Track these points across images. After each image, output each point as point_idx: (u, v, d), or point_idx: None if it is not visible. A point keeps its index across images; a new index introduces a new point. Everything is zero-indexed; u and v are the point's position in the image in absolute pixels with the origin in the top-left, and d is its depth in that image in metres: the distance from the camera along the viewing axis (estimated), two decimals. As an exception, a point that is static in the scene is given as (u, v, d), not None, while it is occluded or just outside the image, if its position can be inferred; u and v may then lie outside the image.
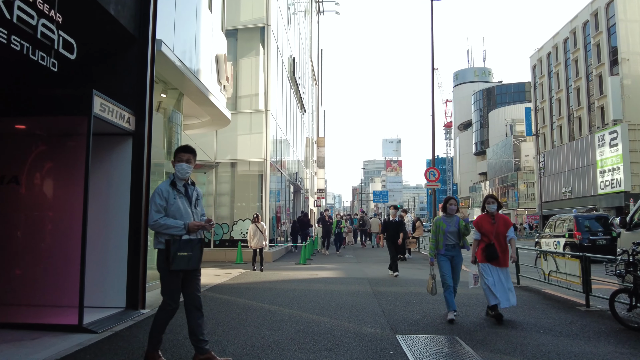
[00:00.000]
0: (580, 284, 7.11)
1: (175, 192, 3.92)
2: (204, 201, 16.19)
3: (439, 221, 6.02)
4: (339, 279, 9.64)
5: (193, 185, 4.10)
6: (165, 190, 3.89)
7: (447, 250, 5.92)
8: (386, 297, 7.36)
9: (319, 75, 48.67)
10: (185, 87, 8.32)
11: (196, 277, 4.01)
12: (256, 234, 10.88)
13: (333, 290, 7.92)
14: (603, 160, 39.28)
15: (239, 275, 9.87)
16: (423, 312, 6.19)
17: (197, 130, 11.32)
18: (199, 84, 8.31)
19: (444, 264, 5.90)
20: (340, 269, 12.31)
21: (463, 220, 6.06)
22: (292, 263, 14.07)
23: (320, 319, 5.60)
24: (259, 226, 10.99)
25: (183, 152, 4.02)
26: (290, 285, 8.61)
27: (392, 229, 10.83)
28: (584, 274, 6.97)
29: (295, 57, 22.93)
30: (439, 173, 16.87)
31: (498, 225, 5.82)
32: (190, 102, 9.29)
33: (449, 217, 6.00)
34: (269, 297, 7.14)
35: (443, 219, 6.00)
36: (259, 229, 10.93)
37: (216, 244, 15.32)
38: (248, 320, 5.48)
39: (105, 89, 5.53)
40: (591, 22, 42.76)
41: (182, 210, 3.87)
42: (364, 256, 17.33)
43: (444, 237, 5.93)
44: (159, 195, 3.83)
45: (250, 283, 8.69)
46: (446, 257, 5.92)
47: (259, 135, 15.57)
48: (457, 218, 6.00)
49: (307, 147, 32.84)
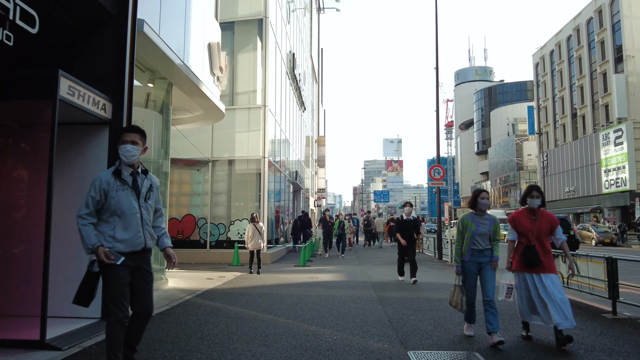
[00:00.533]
0: (605, 289, 6.48)
1: (118, 183, 3.28)
2: (200, 200, 15.78)
3: (466, 220, 4.87)
4: (341, 283, 9.01)
5: (145, 174, 3.46)
6: (104, 180, 3.26)
7: (473, 256, 4.78)
8: (392, 303, 6.72)
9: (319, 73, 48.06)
10: (174, 76, 7.69)
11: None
12: (254, 234, 10.26)
13: (334, 296, 7.29)
14: (608, 159, 38.70)
15: (233, 279, 9.24)
16: (434, 321, 5.55)
17: (190, 125, 10.69)
18: (189, 73, 7.68)
19: (470, 274, 4.81)
20: (342, 271, 11.68)
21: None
22: (291, 265, 13.44)
23: (320, 331, 4.97)
24: (257, 226, 10.37)
25: (127, 131, 3.41)
26: (289, 290, 7.97)
27: (408, 229, 9.45)
28: (611, 278, 6.34)
29: (295, 52, 22.31)
30: (444, 171, 16.24)
31: (540, 222, 4.68)
32: (181, 94, 8.68)
33: (479, 216, 4.85)
34: (264, 304, 6.50)
35: (472, 218, 4.84)
36: (257, 230, 10.30)
37: (212, 245, 14.69)
38: (238, 332, 4.84)
39: (78, 71, 4.91)
40: (595, 19, 42.13)
41: (125, 206, 3.26)
42: (365, 257, 16.73)
43: (470, 241, 4.77)
44: (95, 187, 3.23)
45: (245, 288, 8.05)
46: (473, 265, 4.80)
47: (257, 131, 14.95)
48: (490, 217, 4.87)
49: (307, 146, 32.22)
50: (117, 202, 3.25)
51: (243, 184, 15.41)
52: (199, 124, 10.50)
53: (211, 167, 15.09)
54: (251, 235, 10.22)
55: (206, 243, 14.75)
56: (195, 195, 15.59)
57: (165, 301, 6.37)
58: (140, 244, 3.32)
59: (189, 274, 10.10)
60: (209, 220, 14.83)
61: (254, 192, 15.02)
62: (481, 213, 4.86)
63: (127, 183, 3.33)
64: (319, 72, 46.62)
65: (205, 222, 14.89)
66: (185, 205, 15.54)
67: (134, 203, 3.32)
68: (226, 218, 14.99)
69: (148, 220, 3.43)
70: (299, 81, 23.30)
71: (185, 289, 7.59)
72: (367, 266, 13.23)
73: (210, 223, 14.82)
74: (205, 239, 14.77)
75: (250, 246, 10.27)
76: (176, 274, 9.70)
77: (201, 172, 15.29)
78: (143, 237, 3.34)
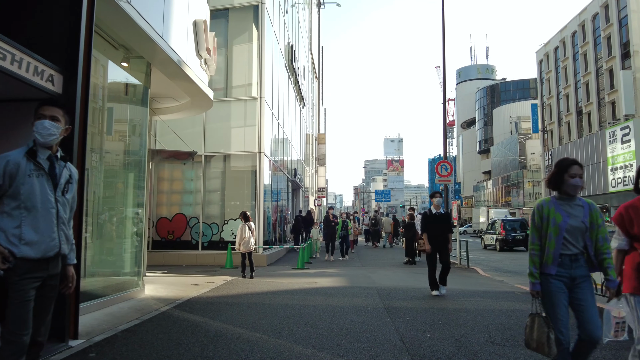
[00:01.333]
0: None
1: (32, 166, 2.45)
2: (192, 198, 14.82)
3: (546, 207, 3.08)
4: (342, 289, 8.06)
5: (65, 161, 2.65)
6: (13, 162, 2.41)
7: (562, 268, 3.00)
8: (402, 315, 5.77)
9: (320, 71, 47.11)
10: (152, 54, 6.74)
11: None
12: (246, 235, 9.31)
13: (335, 306, 6.33)
14: (614, 157, 37.78)
15: (222, 284, 8.28)
16: (456, 340, 4.60)
17: (176, 115, 9.74)
18: (169, 51, 6.73)
19: (558, 295, 2.97)
20: (343, 275, 10.73)
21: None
22: (288, 267, 12.50)
23: (317, 356, 4.02)
24: (249, 226, 9.42)
25: (46, 104, 2.60)
26: (283, 298, 7.01)
27: (440, 225, 7.27)
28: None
29: (294, 45, 21.35)
30: (452, 167, 15.29)
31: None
32: (164, 79, 7.73)
33: (566, 201, 3.07)
34: (252, 317, 5.54)
35: (555, 204, 3.08)
36: (249, 230, 9.35)
37: (204, 246, 13.75)
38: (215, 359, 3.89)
39: (21, 38, 3.97)
40: (601, 15, 41.20)
41: (39, 197, 2.44)
42: (368, 258, 15.76)
43: (556, 240, 2.99)
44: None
45: (234, 296, 7.09)
46: (561, 282, 2.99)
47: (253, 125, 13.99)
48: (583, 202, 3.09)
49: (307, 144, 31.25)
50: (29, 191, 2.41)
51: (238, 181, 14.46)
52: (185, 114, 9.56)
53: (204, 162, 14.14)
54: (246, 236, 9.27)
55: (198, 244, 13.82)
56: (187, 193, 14.64)
57: (135, 314, 5.42)
58: (54, 248, 2.49)
59: (173, 278, 9.15)
60: (201, 220, 13.89)
61: (249, 190, 14.07)
62: (569, 198, 3.08)
63: (43, 168, 2.50)
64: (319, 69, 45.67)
65: (197, 222, 13.95)
66: (176, 203, 14.60)
67: (50, 195, 2.48)
68: (219, 217, 14.04)
69: (64, 219, 2.59)
70: (298, 75, 22.34)
71: (164, 298, 6.63)
72: (370, 269, 12.28)
73: (202, 223, 13.88)
74: (197, 240, 13.83)
75: (242, 248, 9.32)
76: (158, 279, 8.75)
77: (189, 167, 14.34)
78: (58, 239, 2.50)
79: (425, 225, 7.41)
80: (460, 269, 12.46)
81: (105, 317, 5.14)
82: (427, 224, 7.39)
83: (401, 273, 11.40)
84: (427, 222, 7.42)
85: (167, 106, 9.41)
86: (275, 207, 17.17)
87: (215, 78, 15.23)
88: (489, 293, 7.90)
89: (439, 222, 7.33)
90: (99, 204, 6.16)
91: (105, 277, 6.21)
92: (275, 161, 16.65)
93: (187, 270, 11.57)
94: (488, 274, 11.47)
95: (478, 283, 9.55)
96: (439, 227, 7.30)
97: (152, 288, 7.35)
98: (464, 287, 8.65)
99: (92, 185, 5.83)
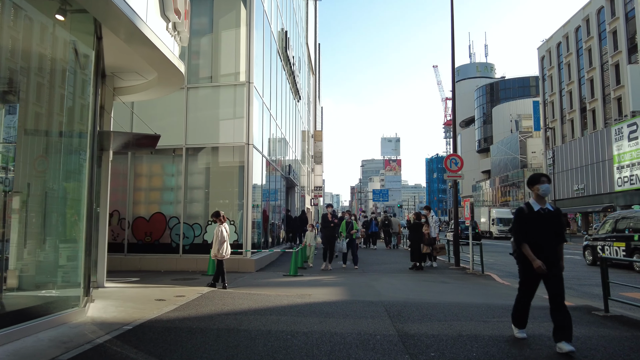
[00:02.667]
0: None
1: None
2: (172, 196, 13.25)
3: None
4: (342, 305, 6.53)
5: None
6: None
7: None
8: (424, 348, 4.25)
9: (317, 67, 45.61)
10: (99, 8, 5.21)
11: None
12: (222, 238, 7.78)
13: (333, 334, 4.81)
14: (621, 154, 36.46)
15: (194, 299, 6.73)
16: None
17: (143, 95, 8.17)
18: (122, 5, 5.20)
19: None
20: (342, 284, 9.21)
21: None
22: (279, 273, 10.98)
23: None
24: (225, 228, 7.89)
25: None
26: (266, 321, 5.47)
27: (544, 230, 4.42)
28: None
29: (288, 32, 19.83)
30: (462, 161, 13.82)
31: None
32: (124, 48, 6.21)
33: None
34: (217, 356, 4.01)
35: None
36: (226, 232, 7.82)
37: (185, 250, 12.21)
38: None
39: None
40: (606, 8, 39.91)
41: None
42: (368, 263, 14.20)
43: None
44: None
45: (203, 318, 5.55)
46: None
47: (240, 114, 12.46)
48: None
49: (303, 141, 29.71)
50: None
51: (223, 177, 12.90)
52: (153, 93, 8.00)
53: (185, 156, 12.60)
54: (220, 239, 7.74)
55: (178, 247, 12.26)
56: (167, 190, 13.07)
57: (54, 351, 3.86)
58: None
59: (137, 290, 7.58)
60: (182, 220, 12.34)
61: (236, 187, 12.52)
62: None
63: None
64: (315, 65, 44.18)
65: (177, 222, 12.40)
66: (155, 201, 13.02)
67: None
68: (202, 218, 12.48)
69: None
70: (292, 64, 20.81)
71: (110, 322, 5.08)
72: (372, 276, 10.77)
73: (183, 223, 12.33)
74: (178, 242, 12.28)
75: (219, 254, 7.78)
76: (117, 293, 7.19)
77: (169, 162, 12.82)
78: None
79: (523, 229, 4.47)
80: (474, 276, 10.97)
81: (7, 357, 3.61)
82: (526, 227, 4.46)
83: (408, 281, 9.90)
84: (526, 225, 4.46)
85: (132, 84, 7.86)
86: (266, 207, 15.62)
87: (200, 63, 13.70)
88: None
89: (545, 225, 4.41)
90: (21, 201, 4.63)
91: (23, 296, 4.66)
92: (267, 156, 15.12)
93: (163, 277, 10.04)
94: (506, 281, 9.99)
95: (501, 294, 8.04)
96: (545, 232, 4.40)
97: (102, 306, 5.79)
98: (488, 301, 7.16)
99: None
